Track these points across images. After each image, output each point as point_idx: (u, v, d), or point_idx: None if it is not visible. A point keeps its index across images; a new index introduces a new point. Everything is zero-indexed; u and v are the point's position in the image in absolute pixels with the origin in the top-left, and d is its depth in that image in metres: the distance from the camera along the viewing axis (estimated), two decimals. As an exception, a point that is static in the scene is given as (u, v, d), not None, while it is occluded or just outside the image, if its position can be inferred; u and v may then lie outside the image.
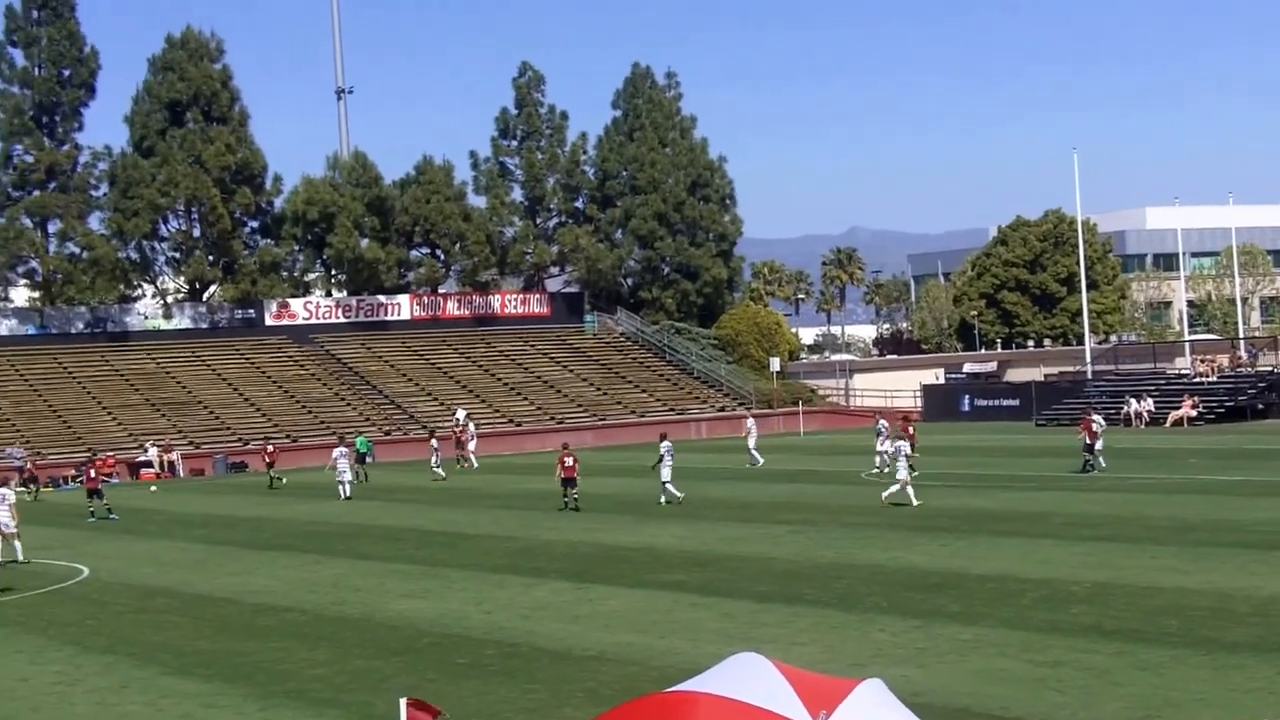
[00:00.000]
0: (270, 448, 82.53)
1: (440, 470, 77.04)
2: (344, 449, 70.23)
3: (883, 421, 69.65)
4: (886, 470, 60.43)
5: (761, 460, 74.71)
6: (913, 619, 29.46)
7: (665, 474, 56.52)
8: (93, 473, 66.03)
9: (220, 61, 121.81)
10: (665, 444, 57.68)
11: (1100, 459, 61.14)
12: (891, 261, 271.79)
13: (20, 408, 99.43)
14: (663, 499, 56.13)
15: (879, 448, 65.21)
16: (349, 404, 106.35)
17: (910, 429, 64.83)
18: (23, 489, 71.67)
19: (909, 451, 53.20)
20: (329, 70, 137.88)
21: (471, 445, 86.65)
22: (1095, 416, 64.18)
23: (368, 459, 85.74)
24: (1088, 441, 61.09)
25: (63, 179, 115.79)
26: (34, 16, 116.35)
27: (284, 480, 77.86)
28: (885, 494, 51.53)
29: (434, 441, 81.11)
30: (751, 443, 76.66)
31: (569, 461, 56.12)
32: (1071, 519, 45.30)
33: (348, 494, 66.91)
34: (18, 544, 47.11)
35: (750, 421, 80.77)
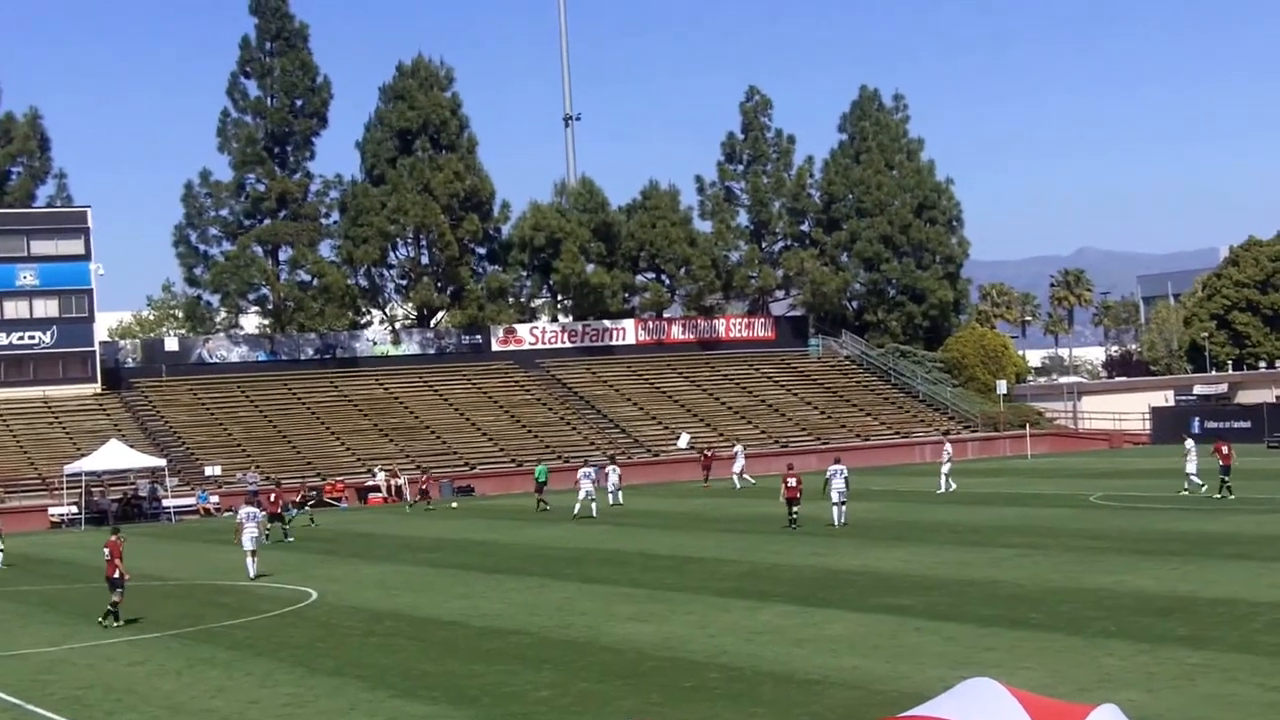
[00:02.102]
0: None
1: (621, 497, 77.16)
2: (588, 469, 72.29)
3: (1189, 441, 68.46)
4: (1205, 491, 62.12)
5: (954, 486, 73.52)
6: (1141, 643, 28.99)
7: (835, 495, 57.14)
8: (272, 497, 68.88)
9: (450, 90, 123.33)
10: (834, 467, 58.31)
11: None
12: (1121, 282, 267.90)
13: (251, 433, 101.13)
14: (837, 521, 56.92)
15: (1188, 469, 64.55)
16: (574, 428, 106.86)
17: (1225, 448, 63.57)
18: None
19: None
20: (557, 97, 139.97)
21: (737, 466, 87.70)
22: None
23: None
24: None
25: (294, 207, 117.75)
26: (268, 47, 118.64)
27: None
28: None
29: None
30: (945, 468, 75.65)
31: (791, 482, 57.71)
32: (1304, 542, 44.43)
33: (592, 512, 68.64)
34: (255, 561, 48.76)
35: (948, 446, 79.76)
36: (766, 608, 36.55)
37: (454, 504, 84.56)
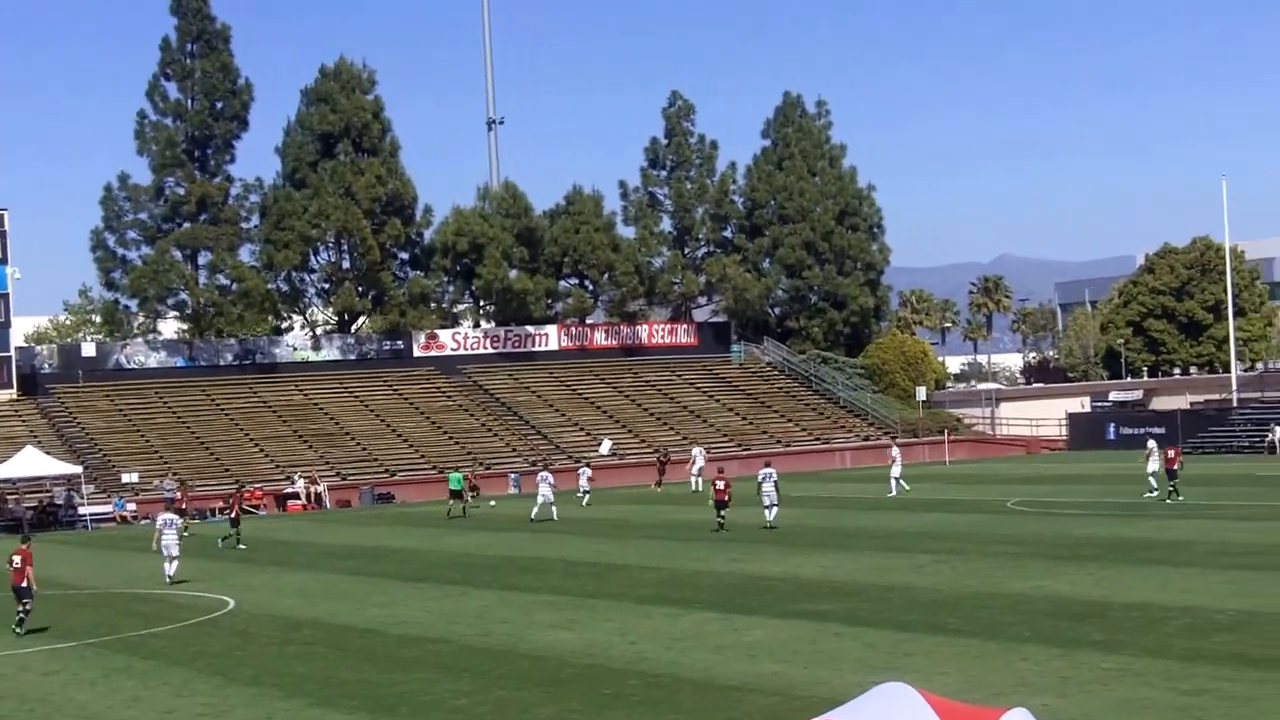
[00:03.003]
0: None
1: (589, 498, 78.63)
2: (547, 473, 72.95)
3: (1152, 442, 69.08)
4: (1157, 495, 63.45)
5: (906, 488, 74.41)
6: (1056, 648, 29.24)
7: (765, 499, 58.44)
8: (229, 501, 69.85)
9: (372, 93, 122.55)
10: (764, 470, 59.58)
11: None
12: (1039, 289, 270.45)
13: (168, 440, 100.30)
14: (769, 520, 58.43)
15: (1148, 470, 65.59)
16: (496, 435, 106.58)
17: (1172, 452, 64.49)
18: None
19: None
20: (481, 102, 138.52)
21: (695, 468, 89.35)
22: None
23: (464, 494, 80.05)
24: None
25: (214, 211, 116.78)
26: (188, 49, 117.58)
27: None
28: None
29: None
30: (896, 472, 76.15)
31: (719, 485, 59.21)
32: (1215, 547, 45.16)
33: (552, 515, 69.24)
34: (174, 566, 48.81)
35: (895, 450, 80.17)
36: (687, 615, 36.53)
37: (492, 502, 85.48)
